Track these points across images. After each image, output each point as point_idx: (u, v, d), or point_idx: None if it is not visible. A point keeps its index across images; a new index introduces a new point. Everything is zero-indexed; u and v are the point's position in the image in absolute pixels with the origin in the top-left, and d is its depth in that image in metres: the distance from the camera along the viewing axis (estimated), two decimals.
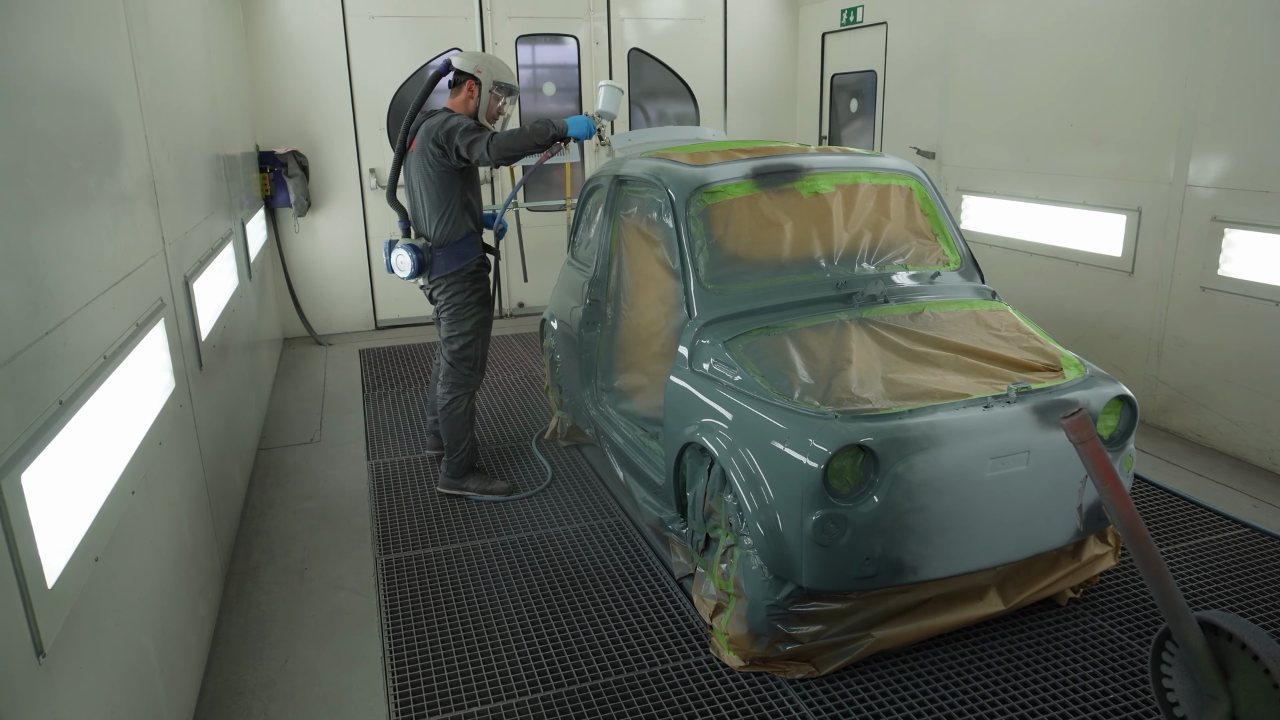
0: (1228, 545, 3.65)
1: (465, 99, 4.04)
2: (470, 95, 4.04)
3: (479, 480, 4.26)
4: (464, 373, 4.17)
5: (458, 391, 4.19)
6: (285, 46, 6.99)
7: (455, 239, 4.01)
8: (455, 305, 4.09)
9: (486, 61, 4.04)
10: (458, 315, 4.10)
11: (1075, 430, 1.89)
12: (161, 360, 2.78)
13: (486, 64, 4.03)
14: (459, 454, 4.23)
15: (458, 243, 4.02)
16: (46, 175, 1.97)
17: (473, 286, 4.10)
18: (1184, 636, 2.01)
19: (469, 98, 4.04)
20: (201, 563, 3.10)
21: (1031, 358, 3.04)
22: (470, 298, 4.10)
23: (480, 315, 4.14)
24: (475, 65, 4.00)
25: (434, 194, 3.96)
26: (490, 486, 4.23)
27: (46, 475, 1.72)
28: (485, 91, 4.02)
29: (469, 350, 4.15)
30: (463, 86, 4.04)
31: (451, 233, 4.00)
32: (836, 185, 3.59)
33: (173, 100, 3.56)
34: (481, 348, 4.18)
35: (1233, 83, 4.33)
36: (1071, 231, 5.39)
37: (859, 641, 2.81)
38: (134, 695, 2.16)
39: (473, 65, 4.00)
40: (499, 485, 4.25)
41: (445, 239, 4.01)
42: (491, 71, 4.01)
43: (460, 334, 4.12)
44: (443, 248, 4.01)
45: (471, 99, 4.04)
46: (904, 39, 6.98)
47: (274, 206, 7.02)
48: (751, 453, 2.74)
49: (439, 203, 3.97)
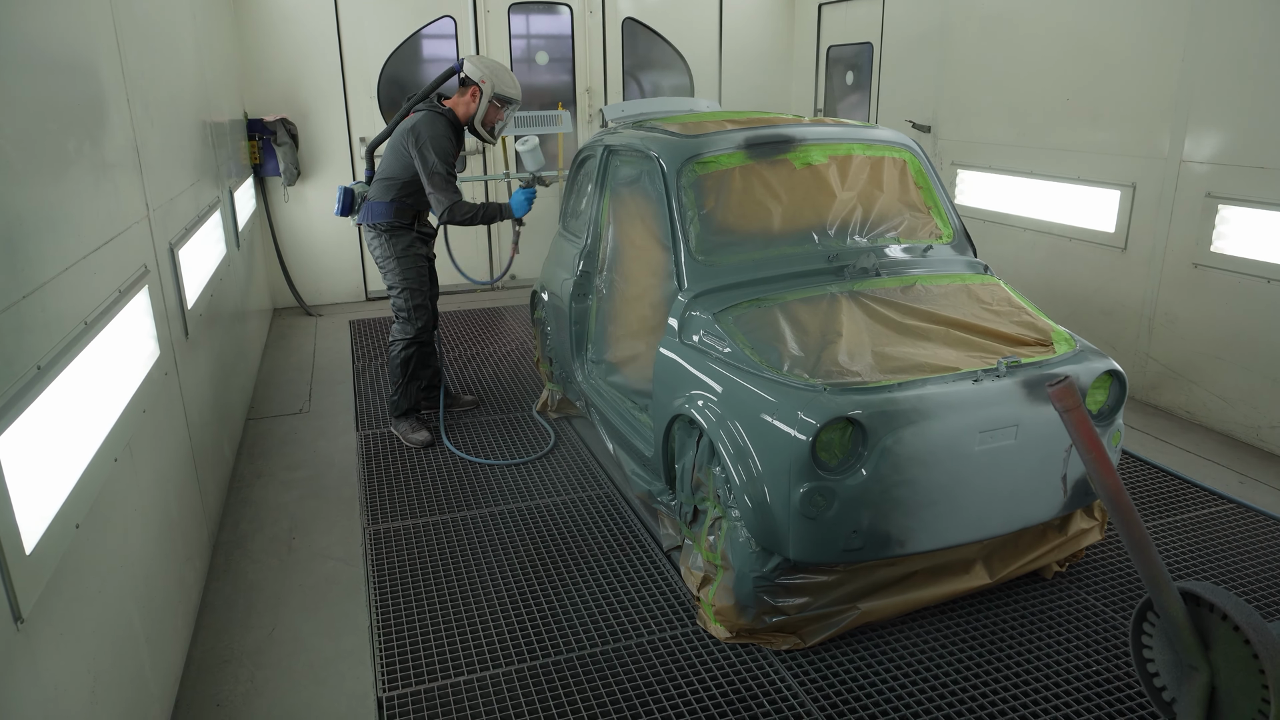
0: (1214, 520, 3.67)
1: (467, 102, 4.29)
2: (473, 100, 4.28)
3: (406, 426, 4.56)
4: (403, 321, 4.45)
5: (395, 337, 4.51)
6: (274, 13, 6.87)
7: (383, 199, 4.33)
8: (379, 257, 4.43)
9: (493, 73, 4.26)
10: (383, 267, 4.44)
11: (1060, 398, 1.88)
12: (145, 327, 2.75)
13: (492, 75, 4.25)
14: (394, 393, 4.56)
15: (383, 204, 4.33)
16: (23, 139, 1.93)
17: (389, 242, 4.36)
18: (1165, 606, 2.02)
19: (470, 102, 4.29)
20: (188, 531, 3.09)
21: (1022, 332, 3.03)
22: (386, 250, 4.37)
23: (401, 270, 4.36)
24: (481, 74, 4.24)
25: (388, 164, 4.33)
26: (411, 435, 4.51)
27: (24, 441, 1.70)
28: (485, 100, 4.25)
29: (399, 300, 4.43)
30: (468, 90, 4.28)
31: (382, 194, 4.34)
32: (829, 157, 3.55)
33: (157, 66, 3.49)
34: (410, 299, 4.39)
35: (1230, 57, 4.30)
36: (1065, 207, 5.36)
37: (845, 614, 2.83)
38: (118, 662, 2.16)
39: (479, 74, 4.25)
40: (419, 436, 4.51)
41: (377, 196, 4.37)
42: (496, 84, 4.24)
43: (391, 286, 4.44)
44: (371, 202, 4.38)
45: (473, 104, 4.28)
46: (901, 12, 6.90)
47: (263, 175, 6.95)
48: (740, 425, 2.73)
49: (386, 172, 4.33)
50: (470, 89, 4.27)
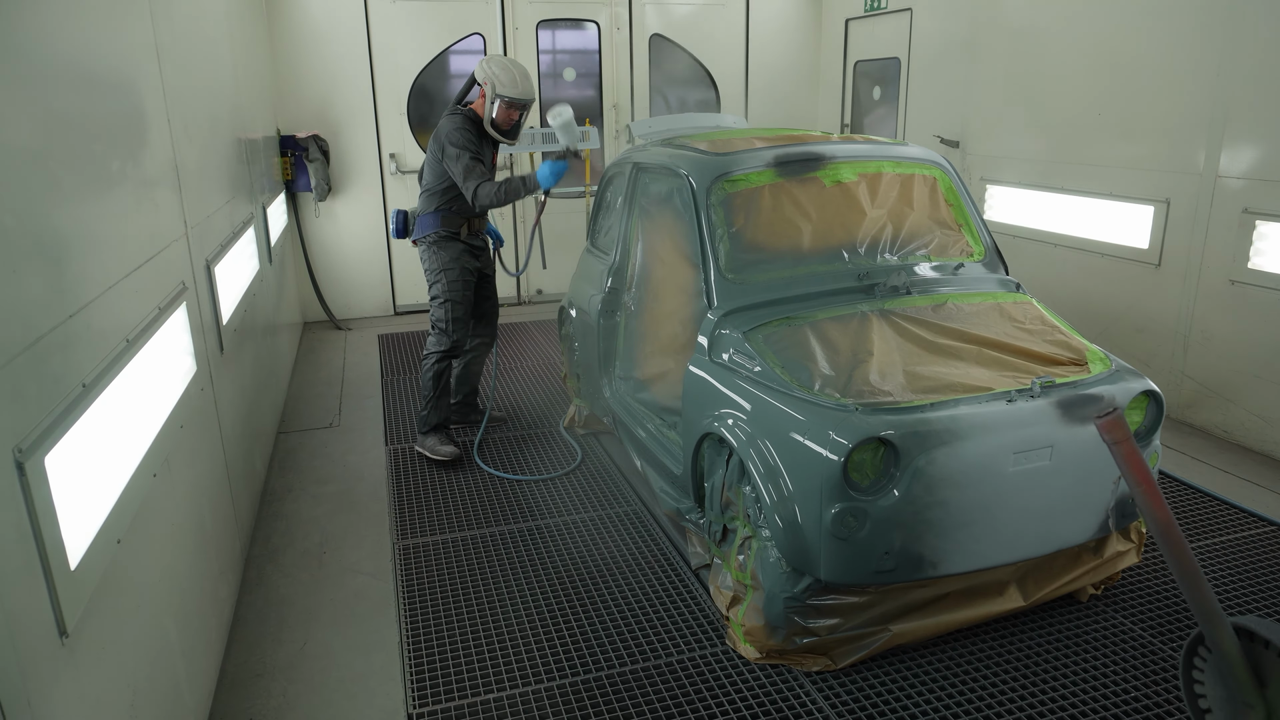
0: (1254, 543, 3.59)
1: (481, 103, 4.35)
2: (484, 100, 4.33)
3: (433, 440, 4.52)
4: (439, 333, 4.46)
5: (433, 350, 4.49)
6: (307, 31, 6.99)
7: (428, 210, 4.41)
8: (428, 269, 4.47)
9: (495, 74, 4.25)
10: (430, 276, 4.47)
11: (1110, 431, 1.86)
12: (183, 343, 2.79)
13: (494, 76, 4.25)
14: (423, 408, 4.53)
15: (429, 214, 4.40)
16: (71, 159, 1.97)
17: (436, 254, 4.39)
18: (1218, 642, 1.97)
19: (483, 102, 4.33)
20: (222, 545, 3.12)
21: (1056, 351, 3.00)
22: (433, 263, 4.40)
23: (446, 281, 4.39)
24: (485, 75, 4.27)
25: (428, 173, 4.42)
26: (439, 448, 4.48)
27: (69, 458, 1.73)
28: (490, 101, 4.27)
29: (438, 311, 4.44)
30: (480, 91, 4.34)
31: (425, 206, 4.43)
32: (860, 174, 3.54)
33: (195, 84, 3.56)
34: (451, 311, 4.40)
35: (1267, 70, 4.24)
36: (1097, 223, 5.31)
37: (877, 635, 2.80)
38: (155, 676, 2.18)
39: (484, 74, 4.28)
40: (446, 450, 4.48)
41: (422, 209, 4.46)
42: (496, 84, 4.24)
43: (434, 297, 4.46)
44: (420, 215, 4.46)
45: (486, 103, 4.32)
46: (929, 25, 6.88)
47: (294, 191, 7.04)
48: (771, 444, 2.72)
49: (427, 181, 4.42)
50: (481, 92, 4.32)
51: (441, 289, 4.41)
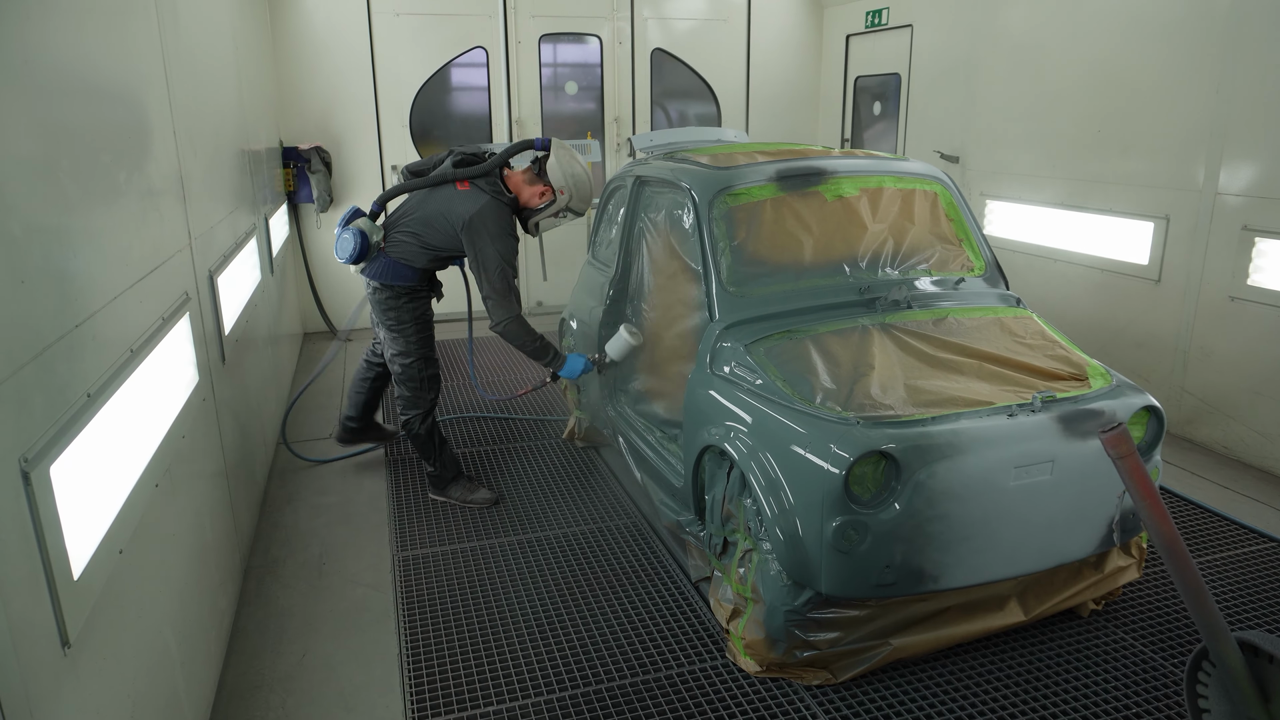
0: (1255, 559, 3.59)
1: (534, 195, 3.86)
2: (541, 199, 3.86)
3: (462, 489, 4.14)
4: (413, 390, 4.01)
5: (410, 411, 4.04)
6: (310, 43, 7.03)
7: (413, 264, 3.87)
8: (391, 321, 3.94)
9: (576, 185, 3.84)
10: (395, 332, 3.94)
11: (1114, 445, 1.86)
12: (186, 354, 2.80)
13: (576, 187, 3.83)
14: (433, 466, 4.13)
15: (411, 269, 3.88)
16: (78, 169, 1.99)
17: (409, 306, 3.93)
18: (1223, 657, 1.97)
19: (537, 199, 3.86)
20: (222, 556, 3.12)
21: (1057, 366, 3.01)
22: (399, 315, 3.92)
23: (418, 337, 3.96)
24: (563, 184, 3.81)
25: (429, 231, 3.82)
26: (472, 496, 4.11)
27: (74, 467, 1.73)
28: (557, 209, 3.86)
29: (412, 369, 3.98)
30: (539, 186, 3.86)
31: (413, 258, 3.87)
32: (861, 189, 3.56)
33: (201, 96, 3.58)
34: (425, 368, 3.99)
35: (1266, 87, 4.27)
36: (1097, 238, 5.33)
37: (877, 649, 2.79)
38: (155, 686, 2.18)
39: (562, 182, 3.81)
40: (482, 495, 4.12)
41: (405, 258, 3.86)
42: (575, 197, 3.85)
43: (399, 352, 3.97)
44: (393, 260, 3.86)
45: (539, 202, 3.86)
46: (929, 42, 6.93)
47: (296, 202, 7.07)
48: (772, 457, 2.73)
49: (435, 242, 3.83)
50: (543, 188, 3.85)
51: (412, 344, 3.95)
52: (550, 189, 3.84)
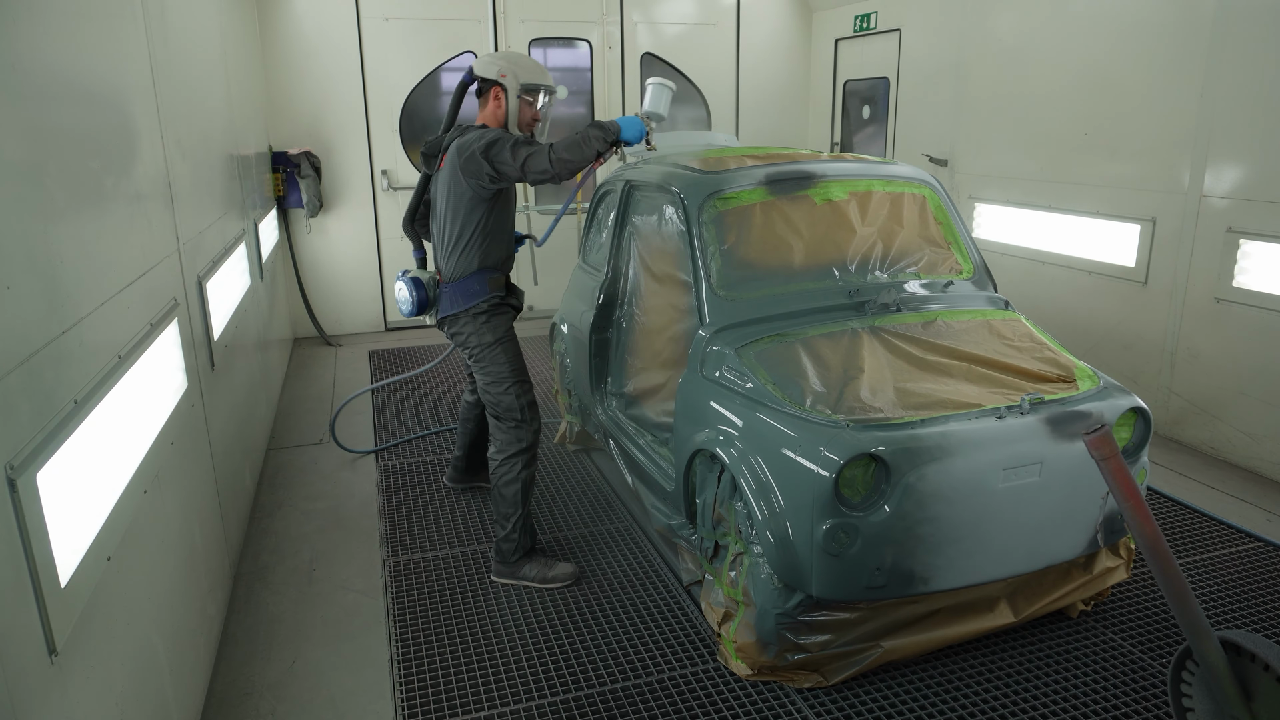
0: (1241, 559, 3.62)
1: (494, 109, 3.46)
2: (498, 104, 3.45)
3: (538, 567, 3.49)
4: (510, 427, 3.47)
5: (508, 451, 3.47)
6: (300, 48, 7.02)
7: (466, 273, 3.45)
8: (474, 348, 3.49)
9: (511, 62, 3.44)
10: (482, 358, 3.48)
11: (1098, 447, 1.88)
12: (174, 360, 2.79)
13: (510, 65, 3.43)
14: (510, 532, 3.47)
15: (467, 278, 3.45)
16: (65, 175, 1.98)
17: (487, 325, 3.48)
18: (1206, 656, 1.99)
19: (496, 107, 3.45)
20: (211, 562, 3.10)
21: (1044, 368, 3.03)
22: (484, 338, 3.47)
23: (507, 358, 3.49)
24: (499, 69, 3.40)
25: (455, 221, 3.42)
26: (551, 574, 3.48)
27: (61, 474, 1.72)
28: (513, 97, 3.42)
29: (507, 398, 3.46)
30: (489, 95, 3.46)
31: (463, 266, 3.45)
32: (850, 193, 3.58)
33: (189, 101, 3.57)
34: (523, 394, 3.48)
35: (1250, 92, 4.31)
36: (1085, 241, 5.36)
37: (868, 652, 2.80)
38: (143, 694, 2.16)
39: (495, 69, 3.41)
40: (562, 570, 3.50)
41: (455, 273, 3.46)
42: (518, 73, 3.42)
43: (493, 381, 3.47)
44: (451, 283, 3.48)
45: (500, 108, 3.45)
46: (917, 46, 6.96)
47: (286, 207, 7.05)
48: (762, 460, 2.73)
49: (457, 231, 3.43)
50: (491, 91, 3.45)
51: (505, 369, 3.46)
52: (495, 85, 3.42)
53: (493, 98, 3.45)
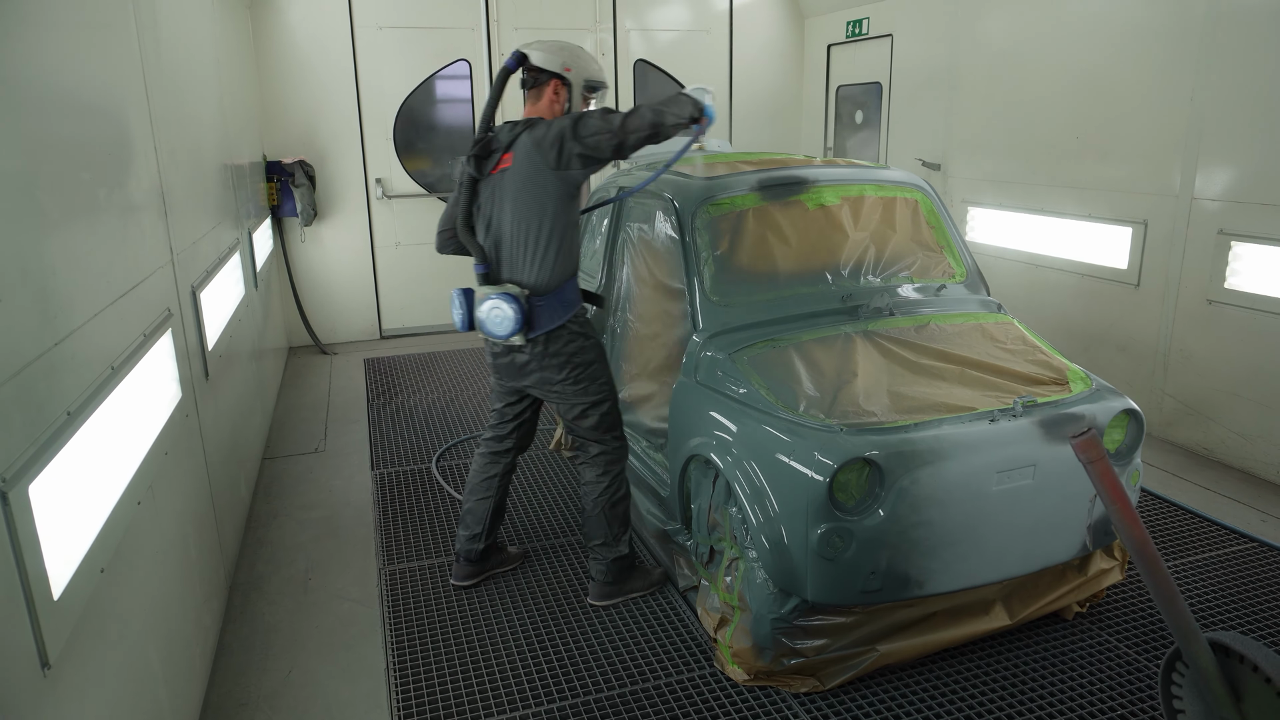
0: (1235, 560, 3.63)
1: (550, 104, 3.16)
2: (556, 99, 3.15)
3: (640, 575, 3.42)
4: (615, 441, 3.31)
5: (615, 469, 3.30)
6: (293, 57, 7.03)
7: (562, 281, 3.10)
8: (578, 366, 3.16)
9: (574, 55, 3.16)
10: (583, 378, 3.18)
11: (1085, 450, 1.88)
12: (168, 370, 2.79)
13: (574, 58, 3.15)
14: (624, 550, 3.33)
15: (564, 287, 3.11)
16: (58, 186, 1.98)
17: (590, 341, 3.22)
18: (1195, 658, 2.00)
19: (554, 102, 3.16)
20: (206, 573, 3.10)
21: (1037, 371, 3.04)
22: (583, 356, 3.18)
23: (605, 372, 3.27)
24: (563, 61, 3.11)
25: (543, 223, 3.04)
26: (652, 579, 3.44)
27: (53, 487, 1.72)
28: (577, 94, 3.16)
29: (613, 413, 3.28)
30: (545, 88, 3.15)
31: (558, 273, 3.08)
32: (842, 198, 3.59)
33: (182, 111, 3.58)
34: (614, 407, 3.31)
35: (1239, 95, 4.33)
36: (1077, 244, 5.38)
37: (864, 656, 2.80)
38: (138, 706, 2.16)
39: (560, 62, 3.11)
40: (658, 573, 3.48)
41: (551, 282, 3.07)
42: (581, 68, 3.15)
43: (597, 400, 3.23)
44: (545, 295, 3.07)
45: (558, 103, 3.16)
46: (909, 51, 6.99)
47: (280, 216, 7.05)
48: (756, 465, 2.74)
49: (547, 235, 3.05)
50: (550, 84, 3.13)
51: (604, 386, 3.24)
52: (556, 79, 3.13)
53: (551, 91, 3.15)
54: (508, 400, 3.39)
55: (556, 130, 2.99)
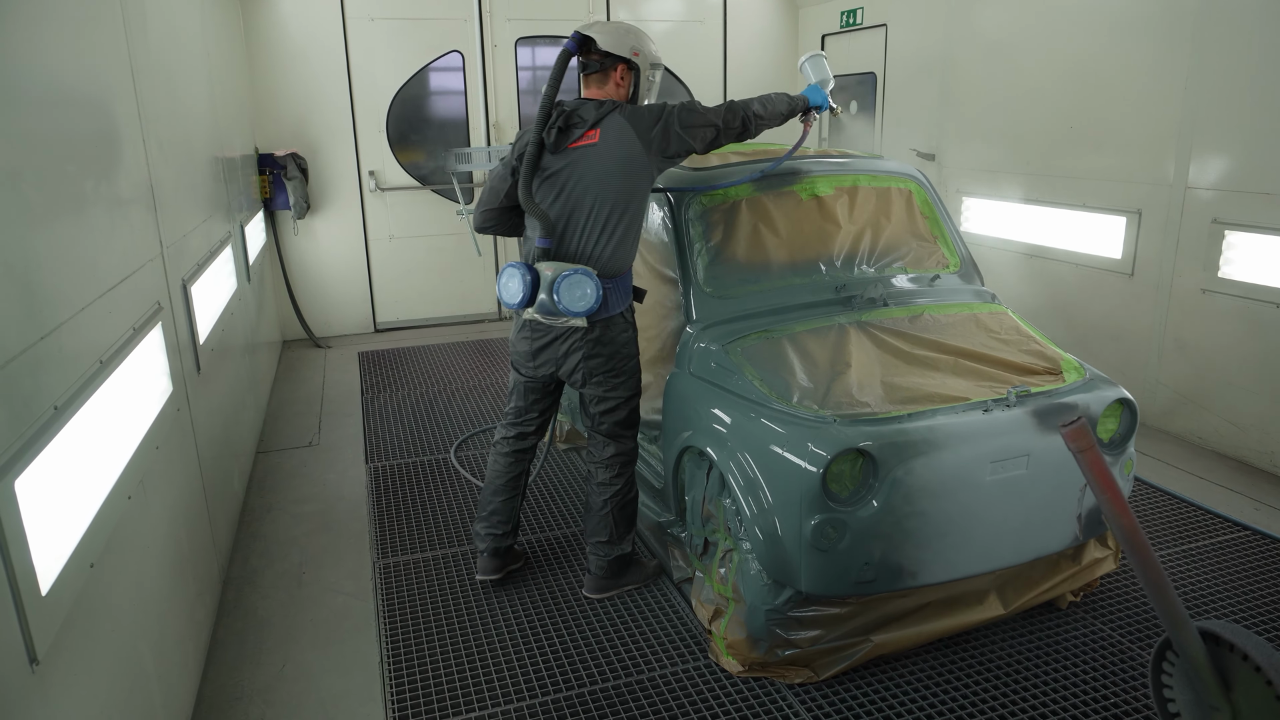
0: (1229, 548, 3.63)
1: (616, 88, 3.07)
2: (622, 84, 3.07)
3: (639, 571, 3.42)
4: (631, 439, 3.28)
5: (629, 470, 3.29)
6: (285, 49, 6.98)
7: (625, 267, 3.07)
8: (625, 358, 3.12)
9: (639, 38, 3.07)
10: (624, 370, 3.14)
11: (1074, 439, 1.88)
12: (159, 364, 2.77)
13: (640, 41, 3.07)
14: (624, 547, 3.33)
15: (627, 274, 3.09)
16: (43, 179, 1.96)
17: (634, 326, 3.19)
18: (1185, 647, 2.00)
19: (620, 86, 3.07)
20: (199, 567, 3.09)
21: (1031, 361, 3.03)
22: (627, 349, 3.15)
23: (639, 371, 3.25)
24: (631, 45, 3.02)
25: (621, 206, 2.98)
26: (647, 572, 3.44)
27: (41, 481, 1.71)
28: (643, 78, 3.08)
29: (637, 409, 3.25)
30: (612, 73, 3.06)
31: (626, 258, 3.04)
32: (836, 188, 3.58)
33: (171, 103, 3.55)
34: (637, 407, 3.28)
35: (1233, 84, 4.33)
36: (1071, 234, 5.38)
37: (858, 646, 2.80)
38: (129, 701, 2.15)
39: (628, 45, 3.02)
40: (654, 565, 3.49)
41: (618, 265, 3.02)
42: (646, 51, 3.08)
43: (630, 395, 3.20)
44: (612, 279, 3.01)
45: (624, 88, 3.08)
46: (904, 41, 6.97)
47: (273, 209, 7.02)
48: (750, 457, 2.73)
49: (628, 218, 2.99)
50: (616, 69, 3.05)
51: (637, 384, 3.21)
52: (624, 63, 3.05)
53: (617, 76, 3.06)
54: (535, 396, 3.30)
55: (661, 116, 2.98)
